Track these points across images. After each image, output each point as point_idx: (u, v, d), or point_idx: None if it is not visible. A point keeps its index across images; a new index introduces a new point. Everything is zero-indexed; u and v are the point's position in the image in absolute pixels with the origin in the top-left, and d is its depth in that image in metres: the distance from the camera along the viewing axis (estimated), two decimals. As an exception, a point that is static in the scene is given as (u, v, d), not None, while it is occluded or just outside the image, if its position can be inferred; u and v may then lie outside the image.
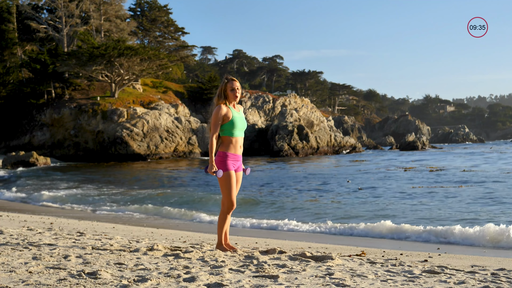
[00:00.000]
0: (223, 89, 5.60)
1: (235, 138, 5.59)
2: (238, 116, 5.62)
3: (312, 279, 4.26)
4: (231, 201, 5.57)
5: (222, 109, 5.53)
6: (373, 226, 10.26)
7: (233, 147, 5.59)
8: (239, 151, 5.66)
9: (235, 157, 5.61)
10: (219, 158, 5.55)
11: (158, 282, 4.00)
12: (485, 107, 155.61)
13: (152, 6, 69.56)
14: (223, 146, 5.60)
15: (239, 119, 5.62)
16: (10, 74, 49.51)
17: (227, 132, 5.57)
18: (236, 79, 5.68)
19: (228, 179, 5.54)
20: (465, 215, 11.91)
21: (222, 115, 5.52)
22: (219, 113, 5.52)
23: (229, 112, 5.56)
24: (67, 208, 15.14)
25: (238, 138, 5.62)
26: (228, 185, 5.54)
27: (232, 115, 5.56)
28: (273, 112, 57.18)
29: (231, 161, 5.58)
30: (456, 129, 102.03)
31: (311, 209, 13.78)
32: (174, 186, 22.29)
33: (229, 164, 5.56)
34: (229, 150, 5.57)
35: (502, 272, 4.95)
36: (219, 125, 5.53)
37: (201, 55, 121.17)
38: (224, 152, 5.56)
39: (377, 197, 16.07)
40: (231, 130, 5.56)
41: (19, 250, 5.50)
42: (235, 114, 5.60)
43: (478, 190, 16.83)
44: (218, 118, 5.52)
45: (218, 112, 5.52)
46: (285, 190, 19.11)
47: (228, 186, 5.54)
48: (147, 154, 44.35)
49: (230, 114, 5.55)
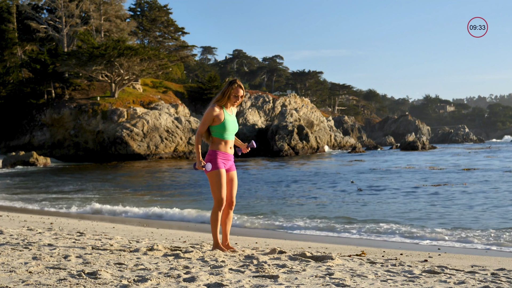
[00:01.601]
0: (229, 91, 5.61)
1: (225, 140, 5.63)
2: (230, 119, 5.64)
3: (312, 279, 4.26)
4: (220, 199, 5.58)
5: (214, 110, 5.56)
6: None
7: (223, 147, 5.63)
8: (230, 151, 5.69)
9: (226, 156, 5.64)
10: (209, 156, 5.61)
11: (158, 282, 4.00)
12: (485, 107, 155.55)
13: (152, 6, 69.56)
14: (213, 145, 5.65)
15: (231, 122, 5.64)
16: (10, 74, 49.51)
17: (217, 134, 5.61)
18: (243, 87, 5.71)
19: (217, 176, 5.57)
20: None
21: (213, 115, 5.55)
22: (211, 113, 5.56)
23: (221, 114, 5.58)
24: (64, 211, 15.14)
25: (228, 141, 5.65)
26: (217, 182, 5.56)
27: (224, 117, 5.58)
28: (273, 112, 57.16)
29: (222, 160, 5.61)
30: (456, 129, 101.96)
31: (315, 210, 13.78)
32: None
33: (219, 163, 5.59)
34: (219, 149, 5.61)
35: (502, 272, 4.95)
36: (207, 125, 5.58)
37: (201, 55, 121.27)
38: (214, 151, 5.62)
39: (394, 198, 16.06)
40: (221, 132, 5.59)
41: (19, 250, 5.50)
42: (227, 117, 5.62)
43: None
44: (209, 118, 5.56)
45: (210, 113, 5.56)
46: (285, 190, 19.11)
47: (218, 183, 5.57)
48: (147, 154, 44.35)
49: (222, 117, 5.58)
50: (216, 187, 5.57)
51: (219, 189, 5.57)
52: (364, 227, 10.48)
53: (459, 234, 9.35)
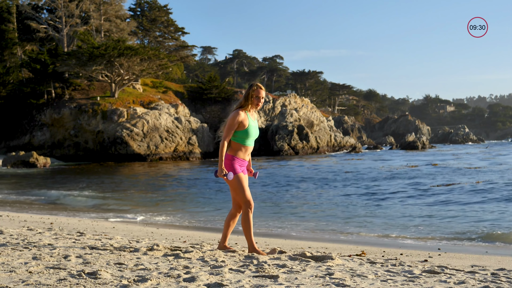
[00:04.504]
0: (251, 94, 5.54)
1: (246, 146, 5.55)
2: (253, 125, 5.56)
3: (312, 279, 4.26)
4: (247, 200, 5.52)
5: (240, 115, 5.45)
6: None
7: (241, 153, 5.54)
8: (247, 157, 5.62)
9: (243, 162, 5.57)
10: (227, 161, 5.50)
11: (158, 282, 4.00)
12: (485, 107, 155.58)
13: (152, 6, 69.54)
14: (232, 150, 5.54)
15: (254, 128, 5.57)
16: (10, 74, 49.48)
17: (239, 140, 5.51)
18: (263, 88, 5.63)
19: (239, 180, 5.50)
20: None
21: (238, 121, 5.44)
22: (237, 118, 5.44)
23: (246, 120, 5.49)
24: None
25: (248, 147, 5.57)
26: (240, 185, 5.50)
27: (248, 123, 5.49)
28: (273, 112, 57.15)
29: (238, 165, 5.54)
30: (456, 129, 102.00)
31: (316, 211, 13.77)
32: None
33: (237, 167, 5.52)
34: (238, 155, 5.52)
35: (502, 272, 4.95)
36: (233, 130, 5.45)
37: (201, 55, 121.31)
38: (233, 156, 5.52)
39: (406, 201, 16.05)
40: (243, 138, 5.50)
41: (19, 250, 5.50)
42: (252, 123, 5.54)
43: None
44: (234, 123, 5.43)
45: (235, 117, 5.44)
46: (286, 189, 19.11)
47: (241, 186, 5.51)
48: (147, 154, 44.34)
49: (247, 123, 5.48)
50: (239, 191, 5.51)
51: (243, 191, 5.51)
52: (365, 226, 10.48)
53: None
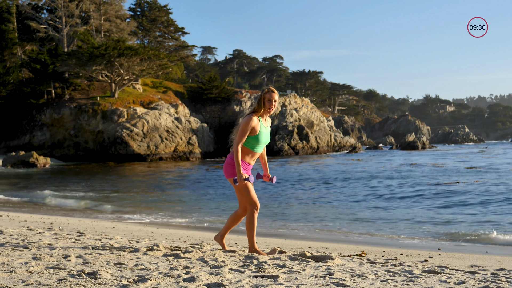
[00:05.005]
0: (263, 97, 5.49)
1: (254, 152, 5.52)
2: (265, 132, 5.52)
3: (312, 279, 4.26)
4: (253, 202, 5.51)
5: (253, 121, 5.41)
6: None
7: (248, 158, 5.52)
8: (253, 162, 5.60)
9: (247, 166, 5.54)
10: (233, 165, 5.48)
11: (158, 282, 4.00)
12: (485, 107, 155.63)
13: (152, 6, 69.55)
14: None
15: (265, 134, 5.52)
16: (10, 74, 49.49)
17: (249, 145, 5.47)
18: (275, 91, 5.57)
19: (244, 182, 5.49)
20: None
21: (252, 125, 5.40)
22: (249, 124, 5.39)
23: (258, 125, 5.44)
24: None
25: (257, 153, 5.55)
26: (245, 188, 5.48)
27: (259, 129, 5.45)
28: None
29: (243, 168, 5.50)
30: (456, 129, 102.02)
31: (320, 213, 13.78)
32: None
33: (242, 170, 5.49)
34: (244, 159, 5.50)
35: (502, 272, 4.95)
36: (246, 135, 5.40)
37: (201, 55, 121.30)
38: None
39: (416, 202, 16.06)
40: (253, 144, 5.47)
41: (19, 250, 5.50)
42: (263, 129, 5.49)
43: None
44: (247, 128, 5.38)
45: (248, 123, 5.39)
46: (286, 189, 19.10)
47: (246, 188, 5.48)
48: (147, 154, 44.34)
49: (258, 128, 5.44)
50: (245, 193, 5.49)
51: (249, 193, 5.49)
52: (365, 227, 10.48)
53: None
